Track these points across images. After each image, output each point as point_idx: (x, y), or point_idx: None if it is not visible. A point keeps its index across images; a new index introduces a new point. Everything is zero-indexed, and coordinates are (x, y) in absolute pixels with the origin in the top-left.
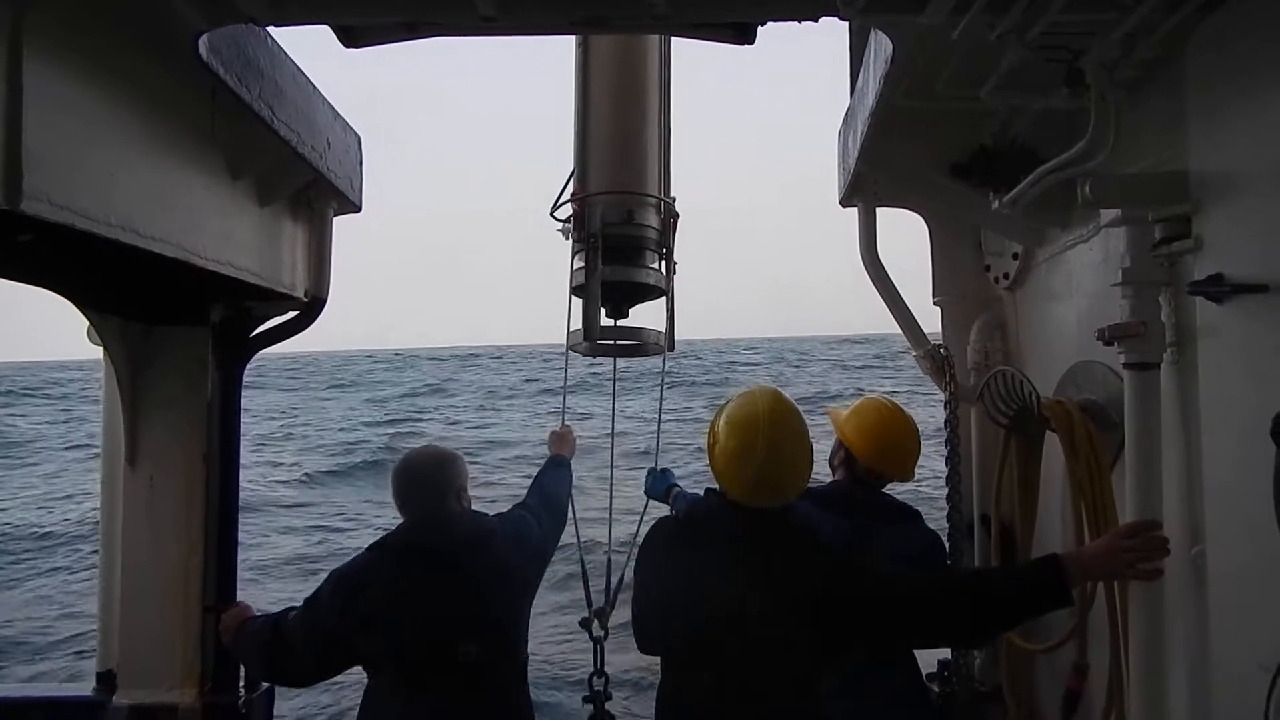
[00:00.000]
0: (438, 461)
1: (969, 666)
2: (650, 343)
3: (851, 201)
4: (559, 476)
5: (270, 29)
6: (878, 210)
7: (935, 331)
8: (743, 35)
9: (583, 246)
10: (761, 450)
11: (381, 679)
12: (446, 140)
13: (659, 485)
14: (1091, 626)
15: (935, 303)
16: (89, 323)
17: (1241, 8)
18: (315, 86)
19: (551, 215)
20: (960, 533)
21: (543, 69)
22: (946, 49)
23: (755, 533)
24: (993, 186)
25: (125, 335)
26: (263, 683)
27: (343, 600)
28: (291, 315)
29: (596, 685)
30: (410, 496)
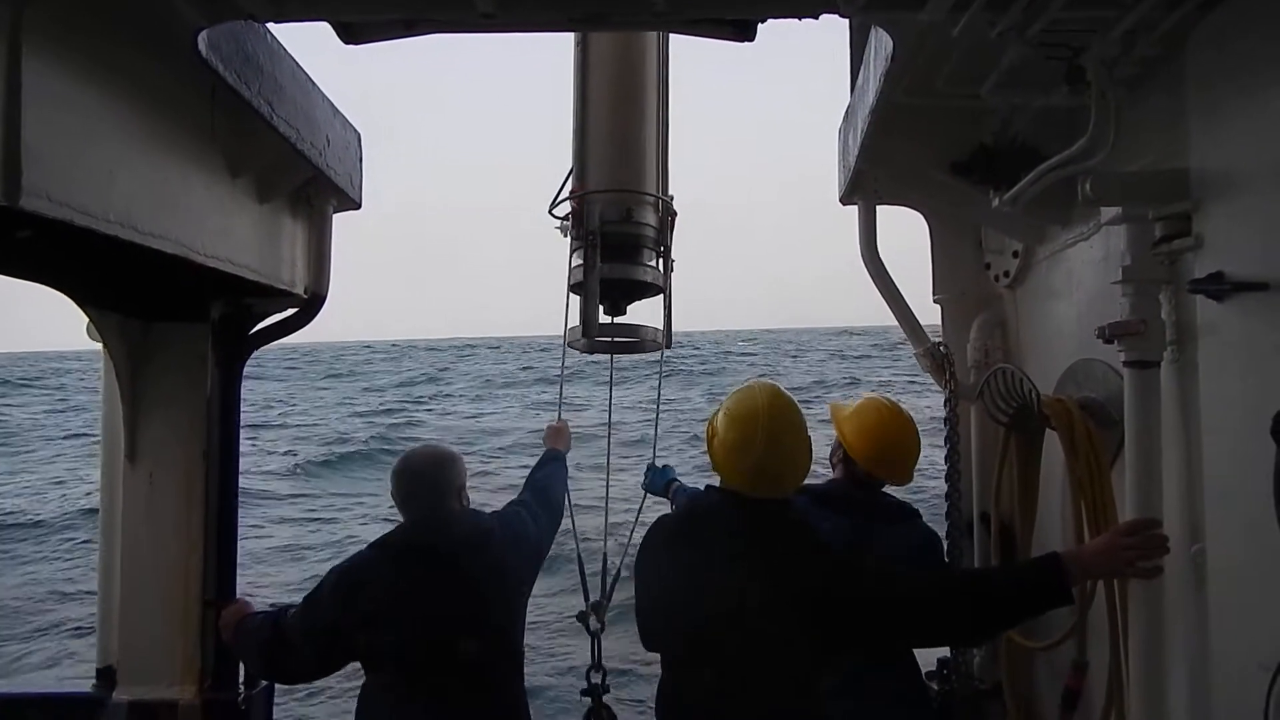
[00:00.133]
0: (438, 461)
1: (968, 664)
2: (648, 339)
3: (852, 199)
4: (554, 471)
5: (269, 25)
6: (878, 208)
7: (934, 324)
8: (743, 32)
9: (581, 244)
10: (761, 441)
11: (380, 677)
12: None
13: (658, 480)
14: (1091, 624)
15: (935, 300)
16: (88, 319)
17: (1241, 5)
18: (315, 83)
19: (550, 213)
20: (960, 531)
21: (540, 66)
22: (947, 46)
23: (755, 529)
24: (993, 184)
25: (125, 332)
26: (262, 680)
27: (343, 597)
28: (291, 312)
29: (594, 679)
30: (411, 496)
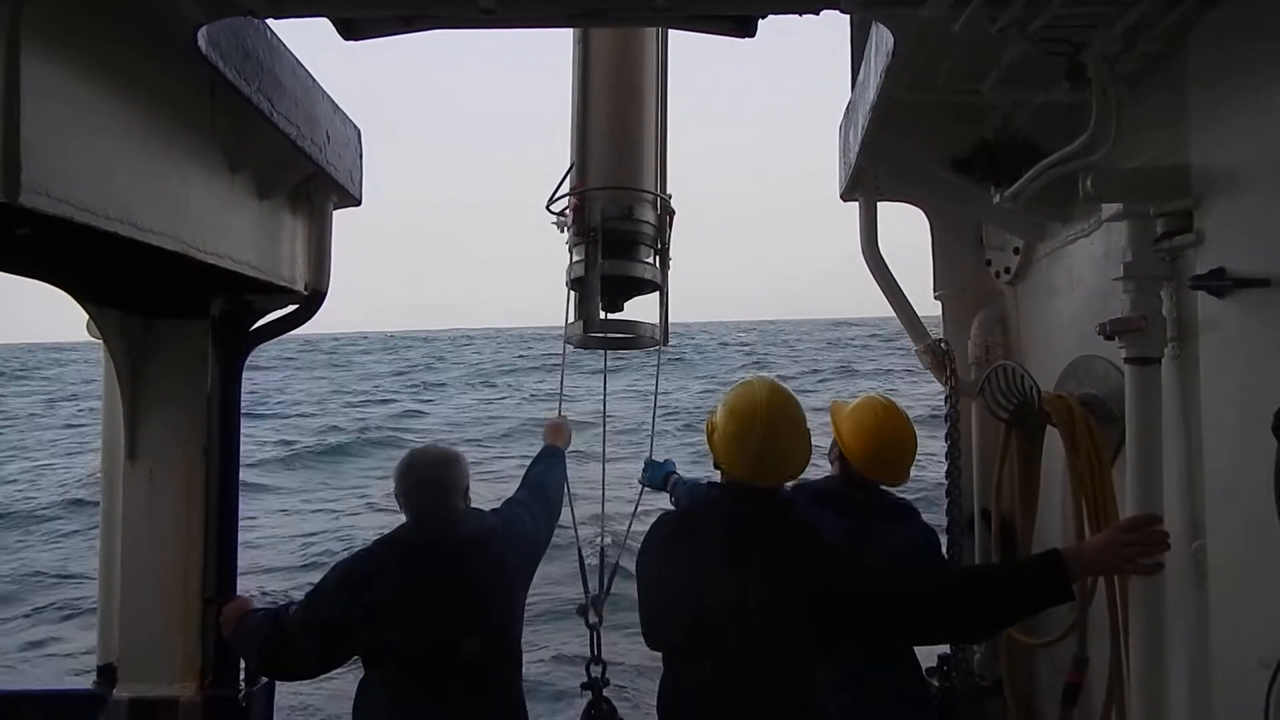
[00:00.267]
0: (444, 461)
1: (969, 661)
2: (645, 336)
3: (852, 195)
4: (552, 468)
5: (269, 21)
6: (878, 204)
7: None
8: (743, 28)
9: (581, 240)
10: (760, 430)
11: (381, 674)
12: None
13: (656, 474)
14: (1091, 621)
15: (936, 297)
16: (88, 316)
17: (1242, 2)
18: (315, 79)
19: (547, 209)
20: (960, 528)
21: (537, 62)
22: (948, 42)
23: (755, 527)
24: (994, 181)
25: (125, 329)
26: (262, 676)
27: (347, 593)
28: (292, 308)
29: (593, 672)
30: (416, 495)
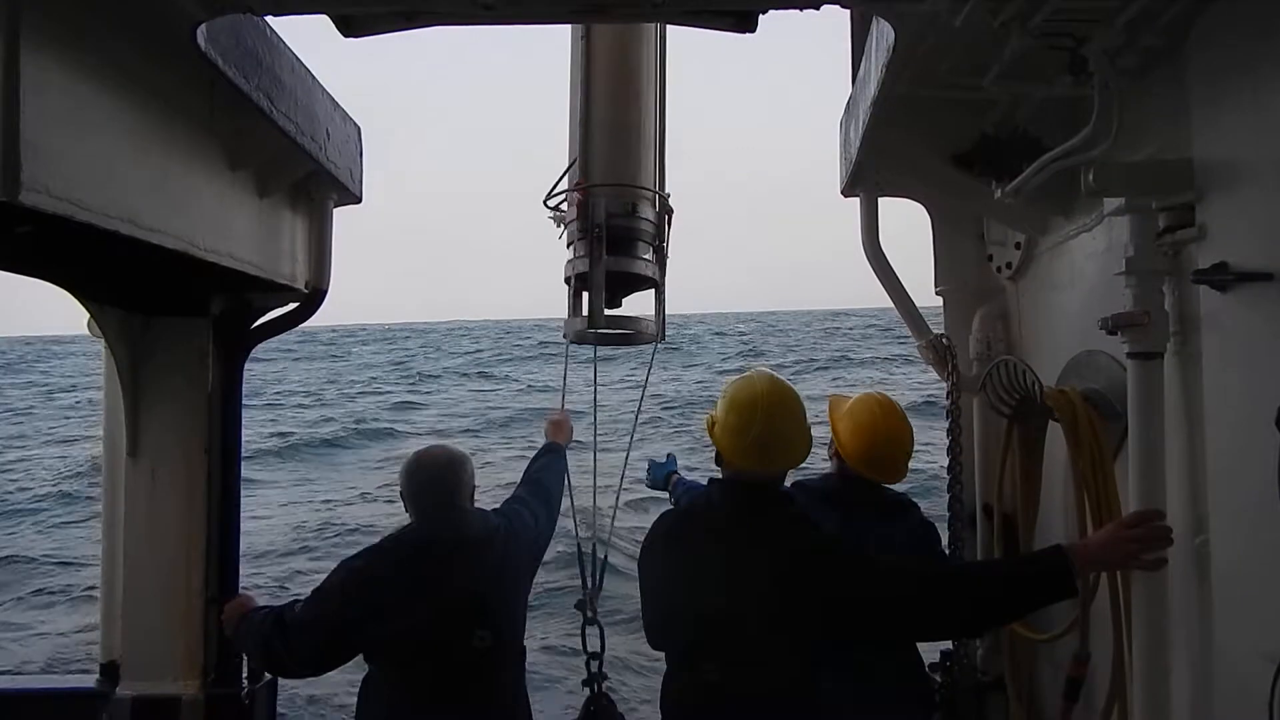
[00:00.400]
0: (451, 462)
1: (971, 656)
2: (644, 333)
3: (853, 191)
4: (551, 465)
5: (269, 19)
6: (879, 199)
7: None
8: (744, 23)
9: (584, 236)
10: (761, 419)
11: (385, 672)
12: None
13: (659, 475)
14: (1094, 616)
15: (937, 292)
16: (89, 314)
17: None
18: (315, 77)
19: (545, 203)
20: (962, 523)
21: (532, 60)
22: (949, 37)
23: (756, 525)
24: (995, 175)
25: (125, 327)
26: (266, 675)
27: (353, 591)
28: (292, 306)
29: (592, 667)
30: (424, 495)
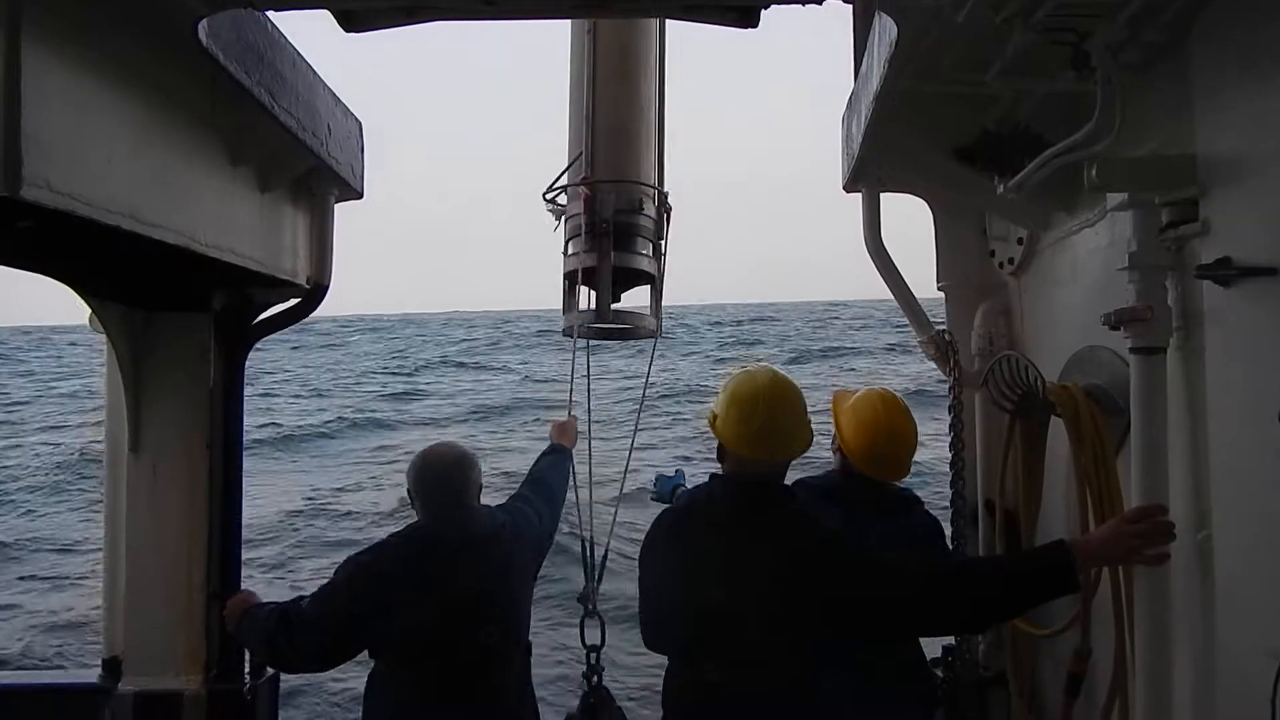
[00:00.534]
0: (460, 461)
1: (973, 651)
2: (644, 327)
3: (855, 187)
4: (556, 465)
5: (270, 14)
6: (881, 195)
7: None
8: (746, 19)
9: (580, 232)
10: (763, 409)
11: (392, 668)
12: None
13: (666, 488)
14: (1095, 611)
15: (940, 288)
16: (90, 310)
17: None
18: (316, 72)
19: (544, 197)
20: (964, 519)
21: (529, 55)
22: (952, 32)
23: (757, 519)
24: (998, 171)
25: (127, 322)
26: (268, 670)
27: (360, 587)
28: (294, 302)
29: (591, 659)
30: (432, 493)
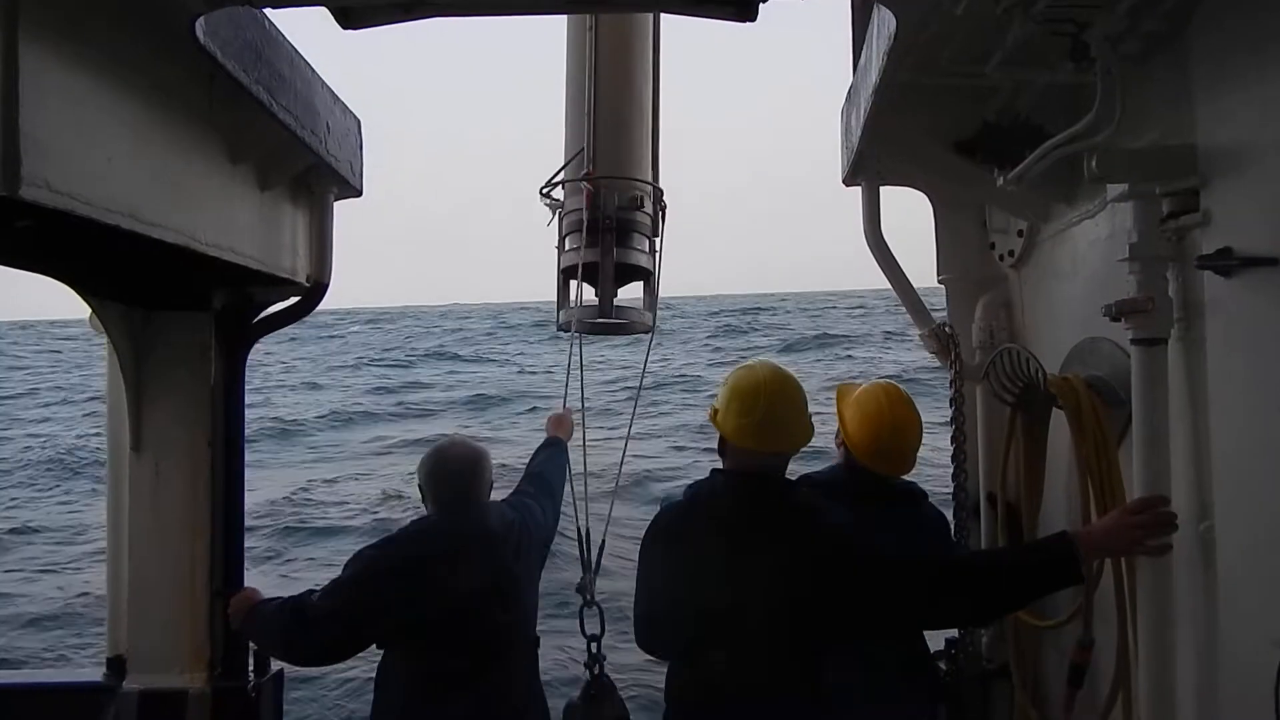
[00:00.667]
0: (470, 457)
1: (976, 644)
2: (636, 322)
3: (855, 180)
4: (554, 459)
5: (267, 11)
6: (880, 188)
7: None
8: (744, 12)
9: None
10: (765, 400)
11: (404, 660)
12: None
13: None
14: (1098, 603)
15: (940, 281)
16: (90, 309)
17: None
18: (314, 70)
19: (541, 192)
20: (967, 512)
21: (525, 52)
22: (951, 24)
23: (759, 513)
24: (997, 163)
25: (127, 322)
26: (273, 667)
27: (371, 581)
28: (294, 300)
29: (592, 648)
30: (445, 488)
